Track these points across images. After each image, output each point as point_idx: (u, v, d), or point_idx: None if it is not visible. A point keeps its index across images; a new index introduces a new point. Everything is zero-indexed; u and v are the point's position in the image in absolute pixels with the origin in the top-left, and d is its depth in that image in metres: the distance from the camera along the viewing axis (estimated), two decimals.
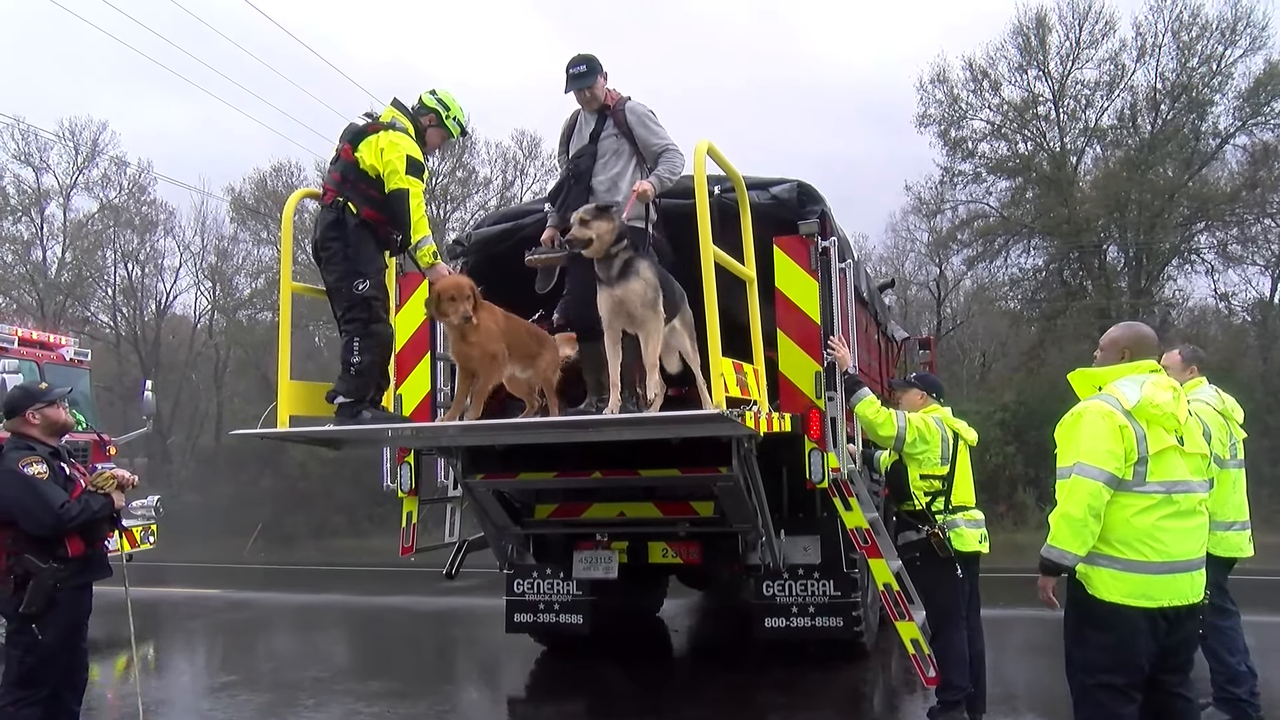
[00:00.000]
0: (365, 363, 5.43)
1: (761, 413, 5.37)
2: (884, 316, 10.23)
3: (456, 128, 5.99)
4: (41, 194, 29.51)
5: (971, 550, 6.03)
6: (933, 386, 6.66)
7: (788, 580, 7.21)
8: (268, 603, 14.16)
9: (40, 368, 11.33)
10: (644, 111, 5.90)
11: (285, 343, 5.96)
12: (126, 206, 30.07)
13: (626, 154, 5.87)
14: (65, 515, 5.01)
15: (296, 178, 28.84)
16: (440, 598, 12.49)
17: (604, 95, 5.98)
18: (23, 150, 28.94)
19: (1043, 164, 24.10)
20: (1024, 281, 25.31)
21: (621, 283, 5.13)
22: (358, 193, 5.47)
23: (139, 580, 6.09)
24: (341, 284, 5.48)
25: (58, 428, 5.42)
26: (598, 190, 5.87)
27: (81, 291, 29.75)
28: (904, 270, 29.43)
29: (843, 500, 6.45)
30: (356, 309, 5.44)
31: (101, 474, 5.45)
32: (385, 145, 5.45)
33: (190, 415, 29.61)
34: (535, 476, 6.77)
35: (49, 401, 5.40)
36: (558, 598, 7.83)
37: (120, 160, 29.71)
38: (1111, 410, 3.94)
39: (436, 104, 5.88)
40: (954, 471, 6.10)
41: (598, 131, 5.96)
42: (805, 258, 6.50)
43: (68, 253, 29.73)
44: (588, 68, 5.91)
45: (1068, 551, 3.92)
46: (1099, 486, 3.87)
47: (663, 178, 5.67)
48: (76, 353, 12.52)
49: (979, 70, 24.29)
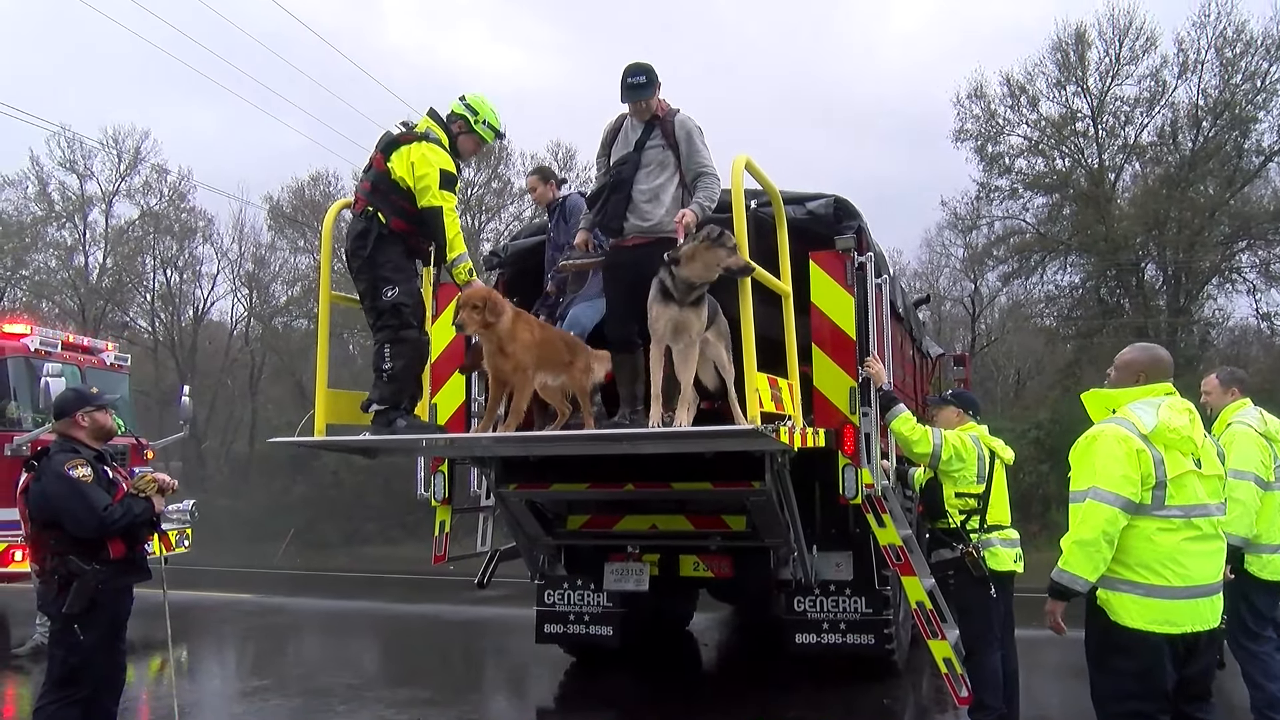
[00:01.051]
0: (398, 368, 5.45)
1: (796, 428, 5.37)
2: (919, 332, 10.19)
3: (489, 132, 5.91)
4: (85, 201, 30.13)
5: (1006, 570, 5.98)
6: (969, 404, 6.62)
7: (819, 596, 7.19)
8: (299, 608, 14.27)
9: (82, 372, 11.51)
10: (693, 127, 5.80)
11: (323, 352, 6.02)
12: (166, 213, 30.60)
13: (671, 167, 5.78)
14: (109, 518, 5.09)
15: (334, 187, 29.30)
16: (471, 606, 12.54)
17: (657, 107, 5.90)
18: (68, 158, 29.62)
19: (1080, 180, 23.93)
20: (1060, 299, 25.15)
21: (692, 308, 5.13)
22: (388, 203, 5.47)
23: (173, 584, 6.17)
24: (371, 293, 5.50)
25: (104, 432, 5.53)
26: (638, 201, 5.80)
27: (121, 297, 30.25)
28: (939, 286, 29.28)
29: (876, 516, 6.42)
30: (386, 315, 5.45)
31: (142, 477, 5.53)
32: (416, 159, 5.44)
33: (225, 421, 29.98)
34: (568, 487, 6.79)
35: (99, 406, 5.51)
36: (588, 609, 7.85)
37: (161, 168, 30.33)
38: (1127, 434, 3.90)
39: (465, 110, 5.82)
40: (990, 490, 6.06)
41: (643, 140, 5.88)
42: (841, 273, 6.49)
43: (109, 259, 30.27)
44: (647, 79, 5.78)
45: (1079, 576, 3.89)
46: (1115, 512, 3.83)
47: (703, 205, 5.58)
48: (117, 358, 12.75)
49: (1017, 86, 24.22)
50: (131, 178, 30.23)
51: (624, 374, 5.79)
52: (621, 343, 5.76)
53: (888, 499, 6.49)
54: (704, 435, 5.12)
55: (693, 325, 5.14)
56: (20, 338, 11.32)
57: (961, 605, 6.16)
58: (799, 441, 5.38)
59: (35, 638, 9.14)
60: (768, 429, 4.79)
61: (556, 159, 29.45)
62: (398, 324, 5.45)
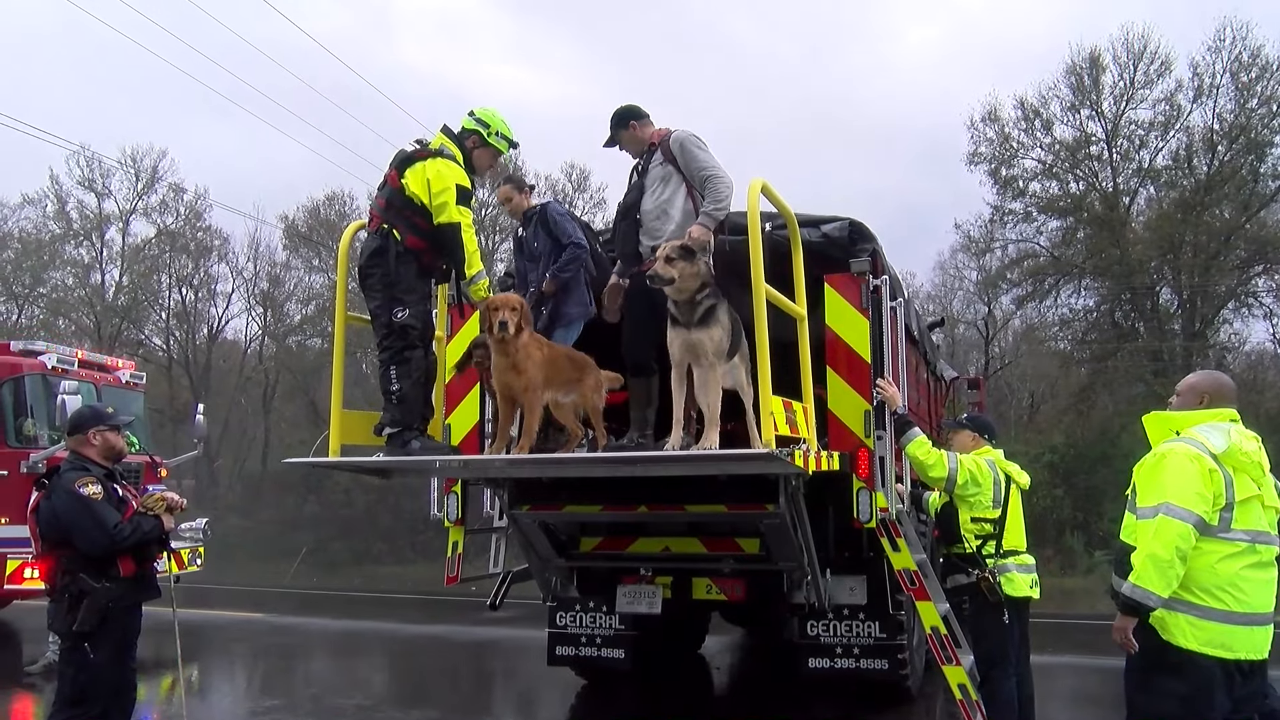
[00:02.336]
0: (404, 389, 5.44)
1: (810, 451, 5.35)
2: (933, 355, 10.16)
3: (503, 143, 5.89)
4: (102, 219, 30.34)
5: (1022, 595, 5.95)
6: (985, 428, 6.60)
7: (833, 620, 7.14)
8: (310, 628, 14.25)
9: (98, 390, 11.58)
10: (686, 137, 5.79)
11: (338, 373, 6.04)
12: (182, 232, 30.78)
13: (675, 179, 5.78)
14: (119, 535, 5.11)
15: (349, 206, 29.40)
16: (482, 628, 12.50)
17: (648, 136, 5.93)
18: (87, 176, 29.83)
19: (1094, 204, 23.92)
20: (1074, 322, 25.10)
21: (701, 328, 5.12)
22: (403, 220, 5.47)
23: (184, 602, 6.17)
24: (381, 312, 5.50)
25: (114, 452, 5.54)
26: (645, 218, 5.82)
27: (137, 315, 30.33)
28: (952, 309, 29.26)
29: (890, 541, 6.39)
30: (393, 337, 5.45)
31: (151, 496, 5.55)
32: (432, 175, 5.44)
33: (238, 439, 30.05)
34: (581, 509, 6.78)
35: (112, 426, 5.54)
36: (600, 632, 7.82)
37: (178, 187, 30.52)
38: (1199, 453, 3.85)
39: (476, 124, 5.80)
40: (1006, 515, 6.04)
41: (645, 166, 5.94)
42: (856, 296, 6.48)
43: (125, 277, 30.42)
44: (610, 128, 5.93)
45: (1152, 593, 3.79)
46: (1188, 529, 3.77)
47: (711, 214, 5.56)
48: (132, 376, 12.81)
49: (1030, 109, 24.27)
50: (149, 196, 30.49)
51: (638, 398, 5.79)
52: (637, 366, 5.76)
53: (902, 523, 6.46)
54: (718, 458, 5.11)
55: (704, 345, 5.11)
56: (38, 355, 11.39)
57: (976, 630, 6.12)
58: (813, 465, 5.37)
59: (48, 655, 9.14)
60: (782, 453, 4.77)
61: (570, 180, 29.63)
62: (402, 345, 5.45)
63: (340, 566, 22.03)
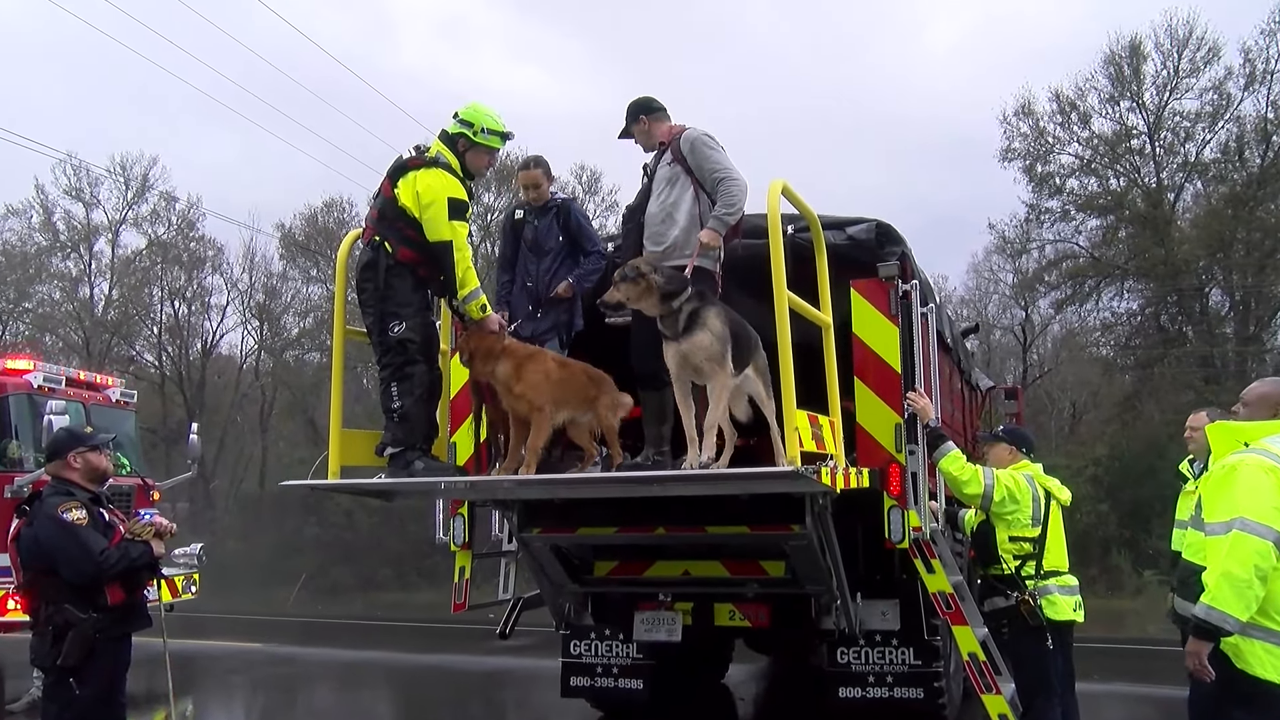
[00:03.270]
0: (406, 407, 5.44)
1: (838, 468, 5.33)
2: (967, 364, 10.11)
3: (493, 139, 5.81)
4: (91, 230, 30.61)
5: (1065, 619, 5.90)
6: (1023, 441, 6.57)
7: (864, 647, 7.09)
8: (311, 658, 14.28)
9: (87, 409, 11.61)
10: (697, 136, 5.80)
11: (337, 390, 6.06)
12: (175, 243, 30.96)
13: (682, 181, 5.78)
14: (105, 562, 5.11)
15: (348, 214, 29.58)
16: (492, 657, 12.50)
17: (661, 134, 5.95)
18: (74, 185, 30.09)
19: (1137, 201, 23.82)
20: (1117, 326, 24.99)
21: (687, 337, 5.08)
22: (394, 232, 5.48)
23: (179, 632, 6.19)
24: (376, 327, 5.51)
25: (98, 474, 5.53)
26: (651, 223, 5.84)
27: (127, 330, 30.53)
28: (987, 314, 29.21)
29: (924, 562, 6.35)
30: (391, 353, 5.46)
31: (138, 522, 5.57)
32: (421, 188, 5.43)
33: (234, 459, 30.14)
34: (595, 531, 6.77)
35: (92, 446, 5.52)
36: (617, 661, 7.79)
37: (170, 196, 30.78)
38: (1274, 465, 3.78)
39: (460, 126, 5.74)
40: (1046, 533, 6.00)
41: (654, 167, 5.97)
42: (885, 302, 6.46)
43: (115, 290, 30.69)
44: (627, 117, 5.97)
45: (1229, 615, 3.67)
46: (1268, 546, 3.67)
47: (722, 218, 5.58)
48: (123, 394, 12.84)
49: (1067, 102, 24.25)
50: (139, 206, 30.76)
51: (650, 412, 5.78)
52: (647, 378, 5.75)
53: (937, 543, 6.42)
54: (740, 477, 5.10)
55: (695, 355, 5.06)
56: (23, 374, 11.44)
57: (1017, 657, 6.08)
58: (841, 483, 5.35)
59: (31, 692, 9.17)
60: (808, 470, 4.75)
61: (581, 182, 29.70)
62: (403, 360, 5.45)
63: (342, 593, 22.08)
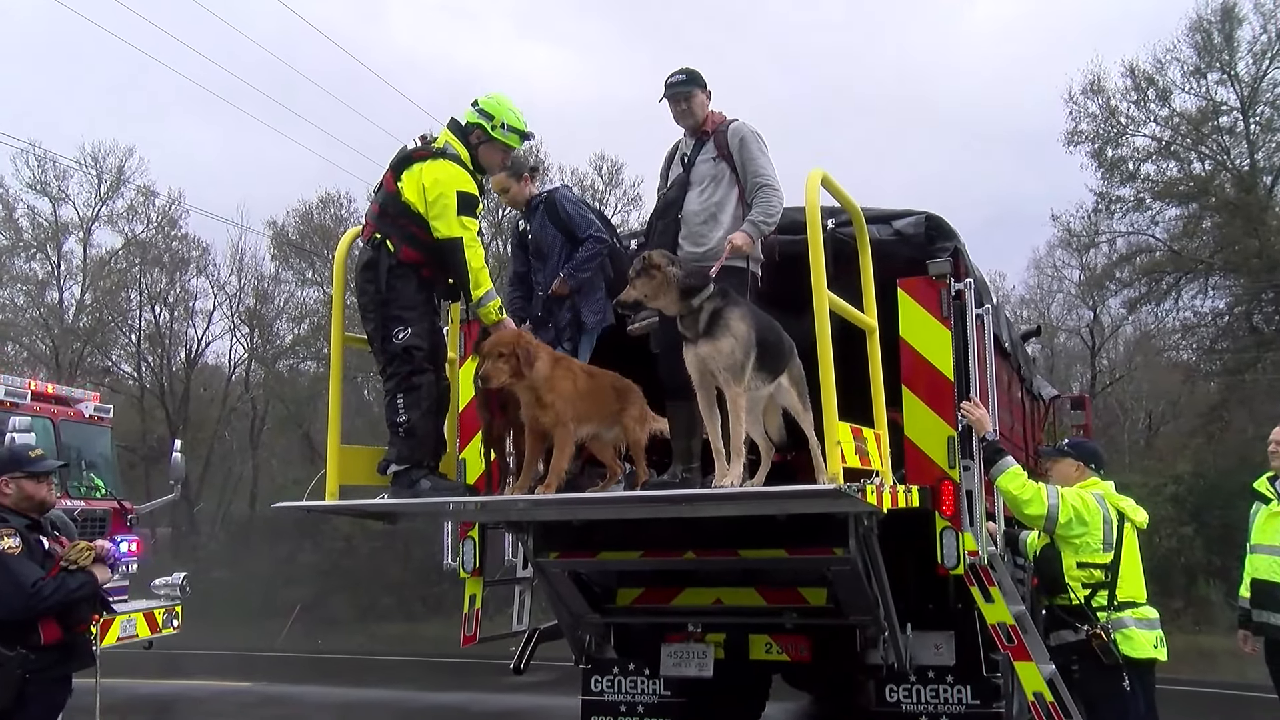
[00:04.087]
0: (413, 420, 5.45)
1: (885, 485, 5.34)
2: (1028, 370, 10.09)
3: (511, 136, 5.87)
4: (59, 228, 30.68)
5: (1145, 657, 5.86)
6: (1091, 456, 6.56)
7: (915, 684, 7.08)
8: (306, 698, 14.39)
9: (56, 426, 11.73)
10: (750, 133, 5.89)
11: (335, 404, 6.10)
12: (154, 242, 31.11)
13: (727, 180, 5.87)
14: (38, 595, 5.09)
15: (346, 210, 29.82)
16: (505, 695, 12.57)
17: (704, 116, 6.03)
18: (38, 179, 30.08)
19: (1225, 186, 23.61)
20: (1200, 328, 24.77)
21: (707, 340, 5.11)
22: (397, 229, 5.52)
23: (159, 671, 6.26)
24: (377, 335, 5.54)
25: (33, 504, 5.52)
26: (691, 221, 5.90)
27: (102, 338, 30.74)
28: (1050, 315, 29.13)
29: (982, 590, 6.35)
30: (396, 362, 5.47)
31: (75, 546, 5.47)
32: (428, 181, 5.47)
33: (222, 480, 30.35)
34: (618, 556, 6.79)
35: (30, 473, 5.52)
36: (642, 699, 7.81)
37: (148, 190, 30.88)
38: None
39: (479, 117, 5.80)
40: (1119, 559, 5.99)
41: (694, 157, 6.01)
42: (935, 303, 6.47)
43: (87, 294, 30.79)
44: (686, 78, 5.99)
45: None
46: None
47: (758, 224, 5.66)
48: (97, 409, 12.93)
49: (1143, 77, 24.05)
50: (113, 202, 30.85)
51: (678, 425, 5.82)
52: (676, 389, 5.79)
53: (995, 569, 6.41)
54: (778, 496, 5.11)
55: (714, 360, 5.08)
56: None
57: (1089, 699, 6.06)
58: (888, 502, 5.35)
59: None
60: (852, 488, 4.77)
61: (601, 173, 29.86)
62: (409, 369, 5.47)
63: (341, 625, 22.23)
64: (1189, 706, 8.38)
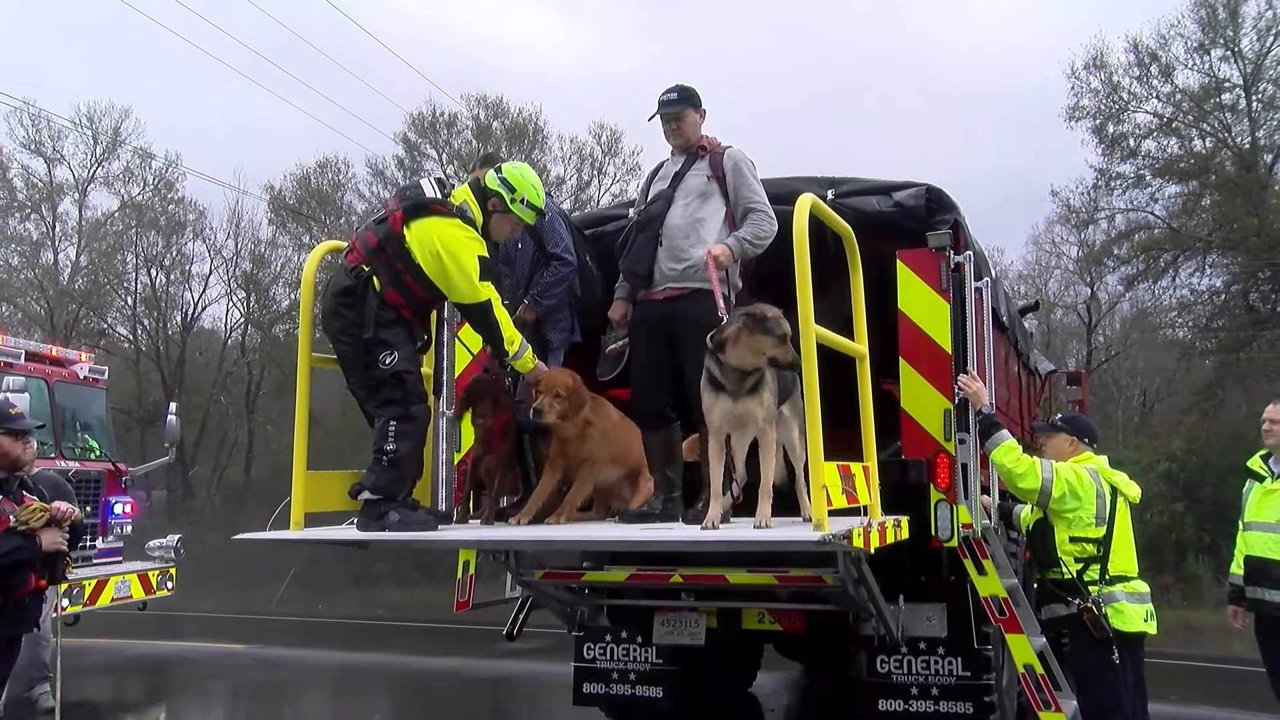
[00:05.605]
0: (401, 452, 5.27)
1: (873, 524, 5.18)
2: (1025, 345, 10.10)
3: (528, 212, 5.73)
4: (54, 189, 30.32)
5: (1135, 630, 5.90)
6: (1085, 431, 6.57)
7: (907, 656, 7.11)
8: (300, 661, 14.44)
9: (50, 387, 11.66)
10: (743, 158, 5.80)
11: (302, 427, 5.80)
12: (150, 205, 30.85)
13: (716, 198, 5.76)
14: None
15: (343, 175, 29.49)
16: (498, 661, 12.62)
17: (696, 136, 5.92)
18: (33, 138, 29.63)
19: (1225, 164, 23.51)
20: (1197, 306, 24.72)
21: (751, 396, 4.97)
22: (389, 270, 5.30)
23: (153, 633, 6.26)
24: (361, 359, 5.33)
25: (6, 461, 5.50)
26: (673, 235, 5.76)
27: (97, 300, 30.60)
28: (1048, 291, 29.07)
29: (975, 562, 6.37)
30: (388, 388, 5.27)
31: (28, 507, 5.43)
32: (445, 241, 5.29)
33: (217, 444, 30.32)
34: (605, 577, 6.86)
35: (10, 430, 5.52)
36: (634, 666, 7.84)
37: (145, 152, 30.52)
38: None
39: (500, 186, 5.65)
40: (1112, 534, 6.00)
41: (682, 172, 5.89)
42: (935, 275, 6.45)
43: (82, 256, 30.60)
44: (679, 95, 5.87)
45: None
46: None
47: (744, 240, 5.58)
48: (92, 370, 12.86)
49: (1146, 52, 23.87)
50: (109, 163, 30.47)
51: (655, 454, 5.76)
52: (651, 416, 5.74)
53: (989, 542, 6.44)
54: (761, 545, 5.13)
55: (755, 415, 4.99)
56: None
57: (1080, 673, 6.09)
58: (875, 541, 5.19)
59: None
60: (838, 538, 4.62)
61: (600, 143, 29.72)
62: (401, 396, 5.28)
63: (335, 590, 22.25)
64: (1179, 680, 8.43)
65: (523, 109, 29.64)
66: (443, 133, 29.50)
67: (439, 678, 12.92)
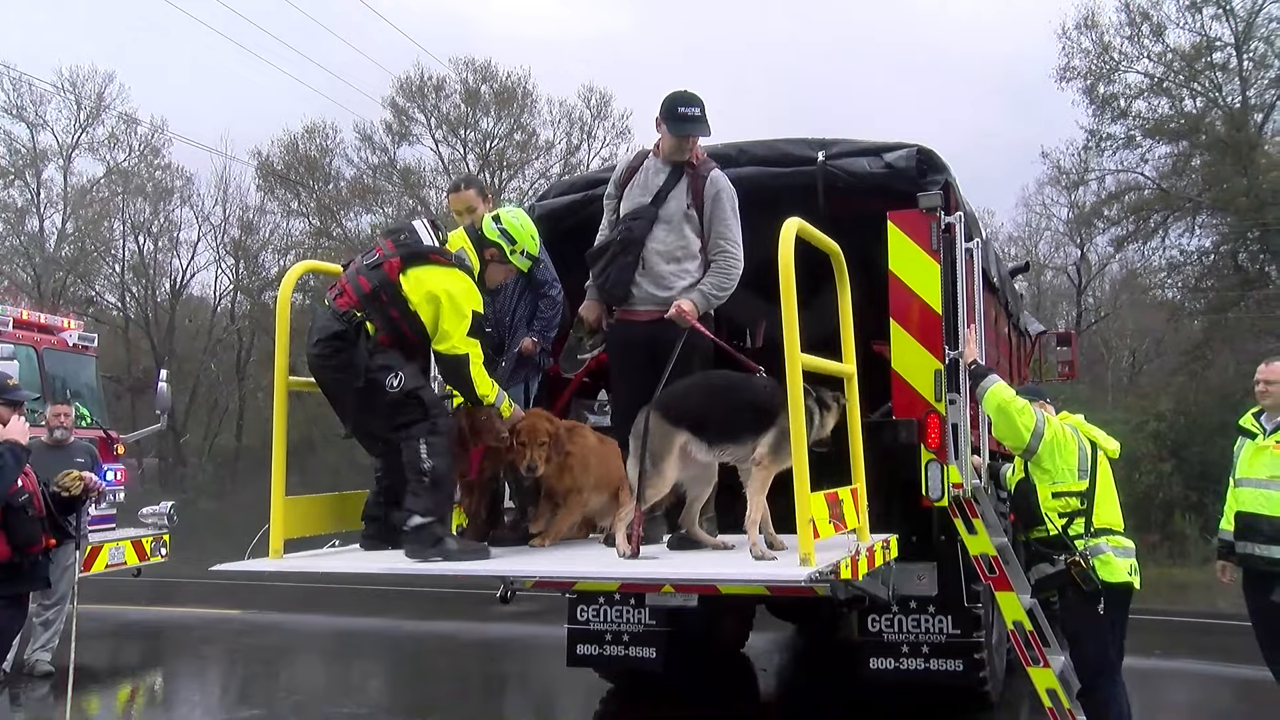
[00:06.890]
0: (441, 469, 5.10)
1: (860, 549, 5.07)
2: (1015, 306, 10.12)
3: (525, 262, 5.74)
4: (38, 155, 30.09)
5: (1120, 581, 5.90)
6: (1036, 394, 6.59)
7: (898, 614, 7.17)
8: (295, 626, 14.48)
9: (40, 354, 11.65)
10: (728, 191, 5.74)
11: (280, 451, 5.56)
12: (137, 171, 30.72)
13: (694, 226, 5.73)
14: None
15: (331, 140, 29.28)
16: (492, 624, 12.70)
17: (697, 153, 5.86)
18: (15, 103, 29.46)
19: (1216, 124, 23.45)
20: (1186, 266, 24.76)
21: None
22: (384, 317, 5.19)
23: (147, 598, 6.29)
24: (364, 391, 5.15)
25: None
26: (656, 265, 5.73)
27: (85, 268, 30.52)
28: (1038, 252, 29.18)
29: (965, 521, 6.41)
30: (406, 408, 5.10)
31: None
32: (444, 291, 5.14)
33: (208, 411, 30.30)
34: (595, 587, 6.99)
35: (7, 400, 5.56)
36: (628, 627, 7.89)
37: (130, 117, 30.38)
38: None
39: (499, 237, 5.61)
40: (1094, 487, 6.03)
41: (665, 190, 5.80)
42: (925, 236, 6.45)
43: (69, 223, 30.47)
44: (702, 112, 5.70)
45: None
46: None
47: (709, 295, 5.59)
48: (82, 337, 12.85)
49: (1138, 11, 23.77)
50: (94, 129, 30.30)
51: None
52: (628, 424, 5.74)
53: (979, 501, 6.47)
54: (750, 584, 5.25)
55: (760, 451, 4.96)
56: None
57: (1072, 630, 6.12)
58: (864, 568, 5.12)
59: None
60: (825, 573, 4.56)
61: (590, 106, 29.58)
62: (423, 412, 5.11)
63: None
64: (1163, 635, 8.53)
65: (511, 72, 29.55)
66: (431, 96, 29.41)
67: (434, 641, 12.97)
